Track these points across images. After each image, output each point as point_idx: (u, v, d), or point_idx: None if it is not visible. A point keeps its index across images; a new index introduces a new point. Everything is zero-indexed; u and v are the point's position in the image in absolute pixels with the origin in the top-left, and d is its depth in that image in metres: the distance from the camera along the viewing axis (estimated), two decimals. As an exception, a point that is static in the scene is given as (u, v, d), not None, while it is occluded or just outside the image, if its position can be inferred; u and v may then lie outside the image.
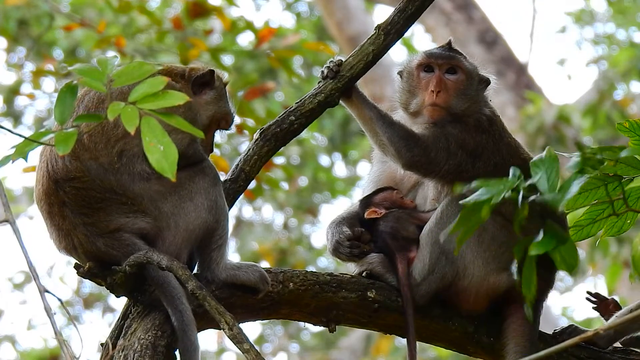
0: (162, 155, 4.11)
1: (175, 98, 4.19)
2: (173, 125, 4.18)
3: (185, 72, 5.56)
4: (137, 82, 4.24)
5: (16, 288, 19.87)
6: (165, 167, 4.11)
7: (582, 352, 5.70)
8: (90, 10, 15.07)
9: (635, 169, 5.45)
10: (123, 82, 4.27)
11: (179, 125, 4.19)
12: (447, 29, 16.10)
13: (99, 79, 4.27)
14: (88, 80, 4.28)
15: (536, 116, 14.85)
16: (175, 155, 4.11)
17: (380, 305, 5.59)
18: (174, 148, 4.12)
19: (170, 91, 4.22)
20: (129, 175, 5.26)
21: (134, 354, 5.21)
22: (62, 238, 5.32)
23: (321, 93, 5.65)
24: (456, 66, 5.77)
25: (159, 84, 4.19)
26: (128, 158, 5.25)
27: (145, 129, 4.12)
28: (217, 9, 11.47)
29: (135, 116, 4.12)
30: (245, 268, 5.40)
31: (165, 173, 4.11)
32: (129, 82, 4.26)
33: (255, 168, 5.67)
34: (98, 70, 4.29)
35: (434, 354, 16.45)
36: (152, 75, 4.27)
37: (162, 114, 4.16)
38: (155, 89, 4.18)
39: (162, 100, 4.18)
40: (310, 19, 20.36)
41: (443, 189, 5.69)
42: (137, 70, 4.27)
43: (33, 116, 17.49)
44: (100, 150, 5.25)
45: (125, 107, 4.14)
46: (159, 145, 4.10)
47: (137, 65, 4.29)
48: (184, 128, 4.21)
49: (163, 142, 4.11)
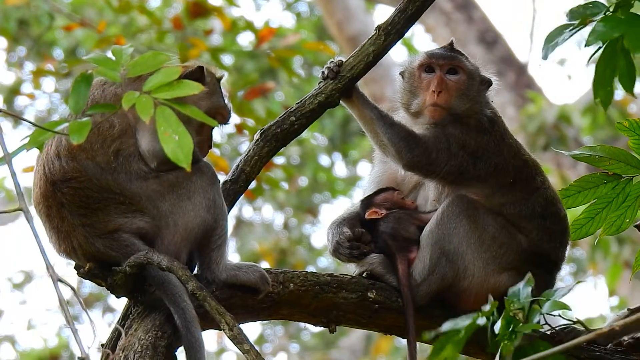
0: (177, 145, 4.11)
1: (190, 88, 4.18)
2: (188, 115, 4.18)
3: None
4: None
5: (16, 288, 19.88)
6: (180, 157, 4.10)
7: (582, 353, 5.69)
8: (90, 10, 15.07)
9: (634, 167, 5.46)
10: (137, 71, 4.26)
11: (193, 114, 4.19)
12: (447, 29, 16.09)
13: (113, 68, 4.27)
14: (103, 70, 4.28)
15: (537, 116, 14.84)
16: (191, 145, 4.11)
17: (380, 305, 5.59)
18: (189, 138, 4.11)
19: (185, 80, 4.21)
20: (126, 174, 5.26)
21: (134, 354, 5.20)
22: (62, 240, 5.31)
23: (322, 93, 5.65)
24: (457, 67, 5.76)
25: (173, 73, 4.18)
26: (124, 157, 5.25)
27: (160, 118, 4.11)
28: (217, 9, 11.47)
29: (150, 105, 4.11)
30: (245, 268, 5.39)
31: (180, 163, 4.10)
32: (144, 71, 4.25)
33: (256, 169, 5.67)
34: (112, 60, 4.29)
35: (434, 354, 16.41)
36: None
37: (177, 104, 4.15)
38: (170, 79, 4.17)
39: (177, 90, 4.17)
40: (310, 19, 20.35)
41: (444, 189, 5.69)
42: (151, 60, 4.26)
43: (33, 116, 17.49)
44: (97, 150, 5.25)
45: (140, 97, 4.13)
46: (174, 135, 4.10)
47: (152, 56, 4.28)
48: (199, 117, 4.20)
49: (178, 131, 4.10)
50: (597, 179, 5.50)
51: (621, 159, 5.43)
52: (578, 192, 5.54)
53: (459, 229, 5.57)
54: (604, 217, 5.54)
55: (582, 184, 5.54)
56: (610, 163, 5.44)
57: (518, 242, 5.62)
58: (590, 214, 5.56)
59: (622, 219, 5.53)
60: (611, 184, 5.49)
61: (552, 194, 5.71)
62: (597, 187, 5.51)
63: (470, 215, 5.58)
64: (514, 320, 4.27)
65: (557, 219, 5.69)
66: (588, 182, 5.52)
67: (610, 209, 5.51)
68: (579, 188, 5.55)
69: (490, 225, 5.58)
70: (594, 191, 5.52)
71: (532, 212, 5.67)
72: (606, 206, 5.52)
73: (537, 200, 5.68)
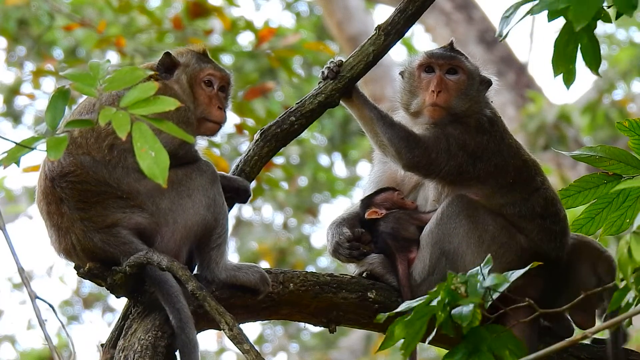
0: (153, 161, 4.12)
1: (166, 104, 4.19)
2: (164, 130, 4.19)
3: (152, 66, 5.61)
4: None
5: (16, 288, 19.87)
6: (156, 173, 4.11)
7: (582, 352, 5.69)
8: (90, 10, 15.06)
9: (634, 167, 5.46)
10: (115, 87, 4.27)
11: (170, 130, 4.19)
12: (447, 28, 16.09)
13: (90, 84, 4.28)
14: (80, 86, 4.29)
15: (537, 116, 14.84)
16: (167, 161, 4.12)
17: (380, 305, 5.59)
18: (165, 154, 4.13)
19: (162, 97, 4.22)
20: (123, 168, 5.29)
21: (134, 354, 5.21)
22: (62, 238, 5.33)
23: (321, 93, 5.65)
24: (457, 67, 5.76)
25: (150, 89, 4.19)
26: (119, 152, 5.28)
27: (137, 134, 4.14)
28: (217, 9, 11.47)
29: (126, 122, 4.12)
30: (245, 269, 5.39)
31: (156, 179, 4.12)
32: (121, 87, 4.26)
33: (256, 169, 5.67)
34: (89, 75, 4.30)
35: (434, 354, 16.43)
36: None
37: (153, 120, 4.16)
38: (147, 95, 4.19)
39: (154, 106, 4.18)
40: (310, 19, 20.34)
41: (444, 190, 5.69)
42: (129, 76, 4.27)
43: (33, 116, 17.48)
44: (92, 145, 5.28)
45: (117, 113, 4.15)
46: (150, 151, 4.11)
47: (129, 71, 4.30)
48: (175, 133, 4.22)
49: (154, 147, 4.12)
50: (597, 179, 5.51)
51: (621, 159, 5.43)
52: (578, 192, 5.55)
53: (459, 229, 5.57)
54: (604, 217, 5.55)
55: (582, 184, 5.55)
56: (611, 163, 5.45)
57: (518, 242, 5.62)
58: (590, 214, 5.57)
59: (623, 219, 5.53)
60: (611, 184, 5.50)
61: (552, 194, 5.71)
62: (597, 187, 5.51)
63: (470, 215, 5.58)
64: (455, 294, 4.31)
65: (557, 219, 5.69)
66: (588, 182, 5.53)
67: (611, 209, 5.51)
68: (579, 188, 5.55)
69: (490, 225, 5.58)
70: (594, 191, 5.52)
71: (531, 212, 5.67)
72: (606, 206, 5.52)
73: (537, 201, 5.68)
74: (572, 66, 4.74)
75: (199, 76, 5.59)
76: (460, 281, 4.36)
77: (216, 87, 5.63)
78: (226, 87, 5.69)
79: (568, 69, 4.73)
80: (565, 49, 4.71)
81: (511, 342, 4.40)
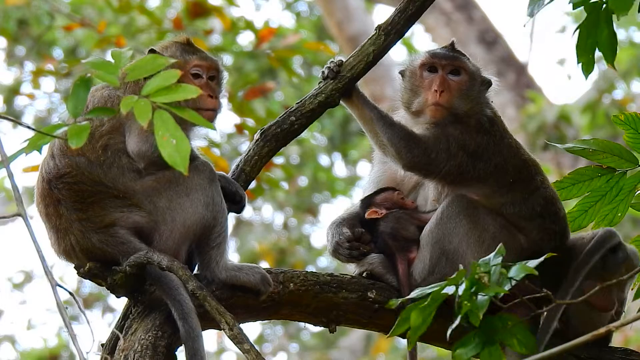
0: (174, 149, 4.12)
1: (187, 92, 4.19)
2: (187, 118, 4.18)
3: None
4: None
5: (16, 288, 19.87)
6: (177, 161, 4.11)
7: (582, 352, 5.69)
8: (90, 10, 15.06)
9: (628, 161, 5.48)
10: (136, 75, 4.27)
11: (192, 118, 4.20)
12: (447, 29, 16.10)
13: (112, 72, 4.28)
14: (101, 74, 4.28)
15: (537, 116, 14.85)
16: (188, 149, 4.12)
17: (380, 305, 5.59)
18: (186, 142, 4.12)
19: (183, 84, 4.22)
20: (118, 168, 5.29)
21: (134, 354, 5.21)
22: (61, 239, 5.33)
23: (322, 93, 5.65)
24: (460, 67, 5.76)
25: (172, 77, 4.19)
26: (113, 152, 5.29)
27: (158, 122, 4.12)
28: (217, 9, 11.47)
29: (148, 110, 4.12)
30: (246, 269, 5.39)
31: (177, 167, 4.11)
32: (142, 75, 4.26)
33: (256, 169, 5.67)
34: (111, 64, 4.29)
35: (434, 354, 16.43)
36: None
37: (174, 107, 4.15)
38: (168, 82, 4.18)
39: (175, 94, 4.17)
40: (310, 19, 20.35)
41: (443, 189, 5.69)
42: (150, 64, 4.27)
43: (33, 116, 17.48)
44: (85, 146, 5.27)
45: (139, 101, 4.14)
46: (172, 139, 4.10)
47: (150, 59, 4.29)
48: (197, 121, 4.22)
49: (176, 135, 4.11)
50: (592, 172, 5.53)
51: (615, 153, 5.46)
52: (572, 185, 5.58)
53: (459, 228, 5.57)
54: (597, 210, 5.57)
55: (576, 177, 5.58)
56: (604, 156, 5.48)
57: (518, 242, 5.63)
58: (583, 207, 5.59)
59: (615, 212, 5.56)
60: (605, 177, 5.52)
61: (552, 193, 5.71)
62: (591, 180, 5.54)
63: (470, 215, 5.58)
64: (479, 283, 4.30)
65: (557, 219, 5.69)
66: (582, 174, 5.56)
67: (604, 202, 5.54)
68: (573, 180, 5.58)
69: (490, 225, 5.59)
70: (588, 184, 5.55)
71: (531, 212, 5.67)
72: (600, 199, 5.55)
73: (537, 200, 5.68)
74: (592, 56, 4.88)
75: (186, 69, 5.51)
76: (484, 270, 4.34)
77: (205, 77, 5.57)
78: (216, 74, 5.62)
79: (588, 59, 4.85)
80: (586, 40, 4.83)
81: (520, 333, 4.39)
